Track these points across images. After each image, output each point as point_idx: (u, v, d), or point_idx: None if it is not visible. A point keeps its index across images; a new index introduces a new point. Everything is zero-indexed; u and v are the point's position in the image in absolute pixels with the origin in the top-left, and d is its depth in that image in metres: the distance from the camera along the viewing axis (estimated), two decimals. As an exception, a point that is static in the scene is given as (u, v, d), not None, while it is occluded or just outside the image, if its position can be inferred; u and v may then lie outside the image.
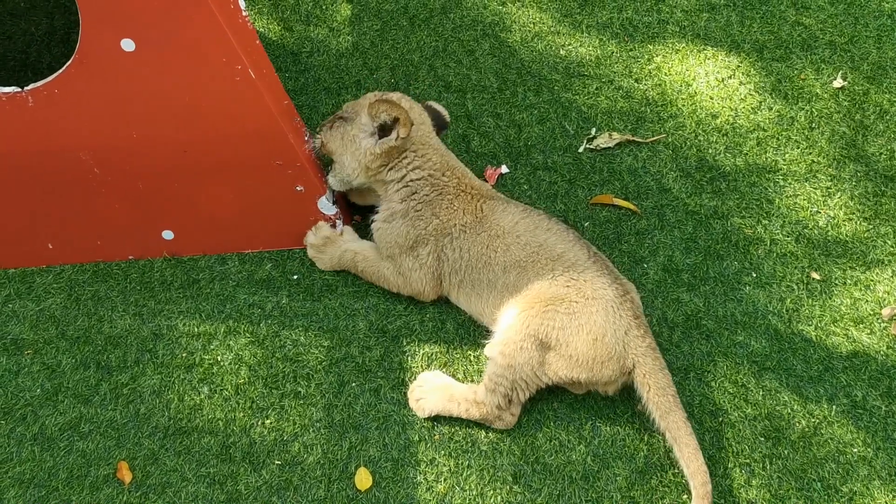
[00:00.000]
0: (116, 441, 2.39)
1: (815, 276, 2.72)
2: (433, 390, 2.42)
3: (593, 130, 3.07)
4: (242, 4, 2.38)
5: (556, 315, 2.32)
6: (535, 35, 3.35)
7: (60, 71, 2.29)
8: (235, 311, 2.64)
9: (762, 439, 2.41)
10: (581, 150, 3.03)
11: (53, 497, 2.30)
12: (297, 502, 2.29)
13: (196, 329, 2.60)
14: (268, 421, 2.43)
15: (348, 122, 2.58)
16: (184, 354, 2.55)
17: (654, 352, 2.34)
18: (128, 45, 2.24)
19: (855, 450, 2.39)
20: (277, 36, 3.35)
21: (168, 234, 2.69)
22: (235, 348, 2.56)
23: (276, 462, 2.36)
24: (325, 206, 2.65)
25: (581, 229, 2.82)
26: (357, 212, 2.86)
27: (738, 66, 3.23)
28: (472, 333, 2.59)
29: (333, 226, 2.70)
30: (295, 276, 2.71)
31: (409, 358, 2.55)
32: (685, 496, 2.31)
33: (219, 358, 2.54)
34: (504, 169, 2.97)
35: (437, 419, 2.43)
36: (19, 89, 2.31)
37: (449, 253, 2.52)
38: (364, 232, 2.81)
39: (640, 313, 2.39)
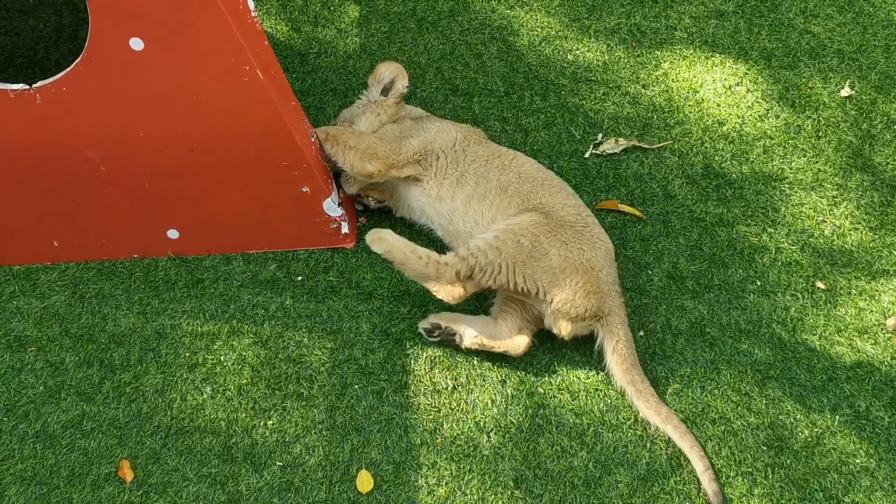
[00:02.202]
0: (118, 440, 2.40)
1: (820, 285, 2.72)
2: (399, 237, 2.39)
3: (599, 136, 3.07)
4: (251, 5, 2.39)
5: (563, 232, 2.42)
6: (543, 39, 3.35)
7: (69, 69, 2.29)
8: (239, 311, 2.64)
9: (765, 448, 2.40)
10: (587, 155, 3.02)
11: (54, 495, 2.30)
12: (298, 504, 2.29)
13: (199, 329, 2.60)
14: (270, 422, 2.43)
15: (348, 121, 2.80)
16: (187, 354, 2.55)
17: (624, 309, 2.50)
18: (136, 44, 2.25)
19: (857, 460, 2.38)
20: (285, 37, 3.35)
21: (173, 234, 2.70)
22: (239, 349, 2.56)
23: (278, 463, 2.36)
24: (331, 207, 2.65)
25: (586, 235, 2.83)
26: (363, 214, 2.86)
27: (746, 74, 3.23)
28: (476, 337, 2.59)
29: (339, 228, 2.70)
30: (299, 278, 2.71)
31: (413, 361, 2.55)
32: (687, 503, 2.31)
33: (222, 358, 2.54)
34: (510, 173, 2.97)
35: (439, 423, 2.42)
36: (27, 86, 2.32)
37: (451, 146, 2.64)
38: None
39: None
